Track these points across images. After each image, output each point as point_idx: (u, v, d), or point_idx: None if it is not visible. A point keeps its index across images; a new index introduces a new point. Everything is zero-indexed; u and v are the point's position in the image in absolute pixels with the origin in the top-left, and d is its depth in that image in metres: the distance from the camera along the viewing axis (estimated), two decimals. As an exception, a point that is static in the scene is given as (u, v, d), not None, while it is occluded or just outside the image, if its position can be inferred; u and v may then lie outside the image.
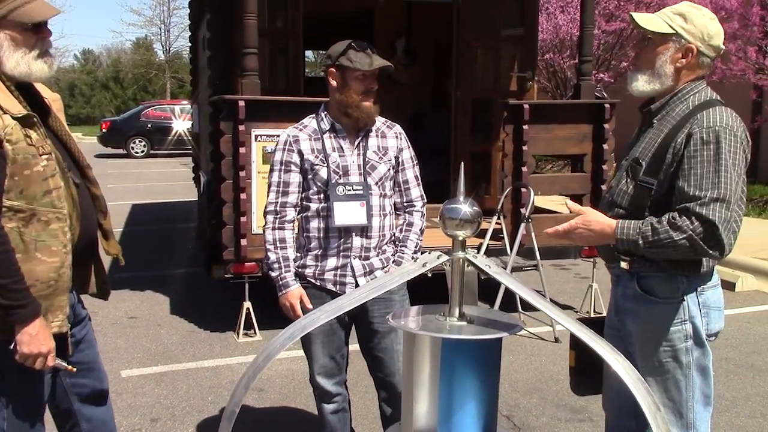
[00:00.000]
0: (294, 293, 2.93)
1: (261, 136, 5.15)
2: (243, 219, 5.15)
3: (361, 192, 2.93)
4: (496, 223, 5.82)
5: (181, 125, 22.77)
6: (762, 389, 4.54)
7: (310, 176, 2.95)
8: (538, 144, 5.97)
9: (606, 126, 5.97)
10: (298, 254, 3.03)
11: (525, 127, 5.82)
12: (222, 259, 5.53)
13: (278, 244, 2.96)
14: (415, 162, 3.13)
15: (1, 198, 2.13)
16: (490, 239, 5.73)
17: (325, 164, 2.94)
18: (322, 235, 2.96)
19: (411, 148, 3.13)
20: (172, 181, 15.58)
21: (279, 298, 2.97)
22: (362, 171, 2.96)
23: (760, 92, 12.24)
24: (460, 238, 2.08)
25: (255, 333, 5.39)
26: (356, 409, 3.38)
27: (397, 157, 3.05)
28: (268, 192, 3.02)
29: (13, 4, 2.19)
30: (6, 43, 2.20)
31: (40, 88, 2.44)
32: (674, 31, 2.41)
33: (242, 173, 5.11)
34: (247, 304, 5.37)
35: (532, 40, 7.34)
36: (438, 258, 2.13)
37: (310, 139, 2.97)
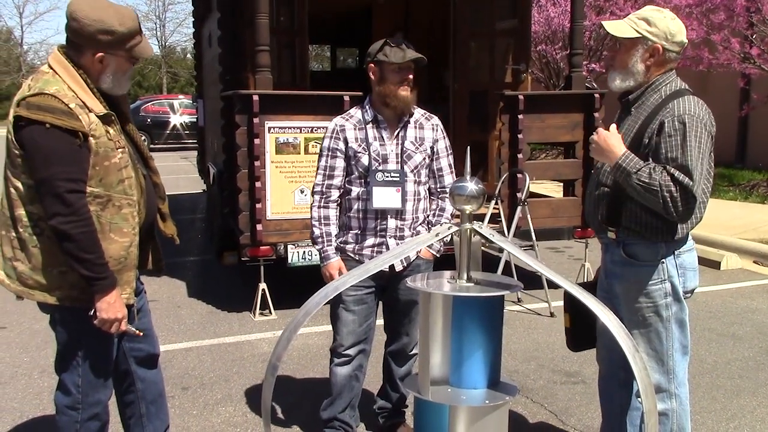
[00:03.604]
0: (333, 264, 3.31)
1: (274, 128, 5.50)
2: (258, 206, 5.50)
3: (398, 179, 3.27)
4: (494, 208, 6.19)
5: (179, 119, 23.04)
6: (740, 354, 4.93)
7: (353, 162, 3.30)
8: (533, 132, 6.33)
9: (596, 115, 6.33)
10: (341, 232, 3.38)
11: (520, 116, 6.18)
12: (235, 245, 5.89)
13: (322, 221, 3.33)
14: (449, 152, 3.46)
15: (86, 185, 2.49)
16: (488, 222, 6.09)
17: (367, 152, 3.28)
18: (361, 216, 3.32)
19: (447, 138, 3.47)
20: (175, 174, 15.89)
21: (321, 269, 3.34)
22: (399, 159, 3.30)
23: (748, 80, 12.58)
24: (467, 212, 2.44)
25: (270, 312, 5.76)
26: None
27: (432, 147, 3.39)
28: (316, 174, 3.37)
29: (135, 42, 2.60)
30: (113, 65, 2.60)
31: None
32: (640, 35, 2.78)
33: (257, 163, 5.46)
34: (263, 286, 5.73)
35: (525, 33, 7.67)
36: (449, 229, 2.49)
37: (355, 129, 3.32)
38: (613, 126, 2.85)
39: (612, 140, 2.76)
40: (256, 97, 5.39)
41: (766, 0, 10.49)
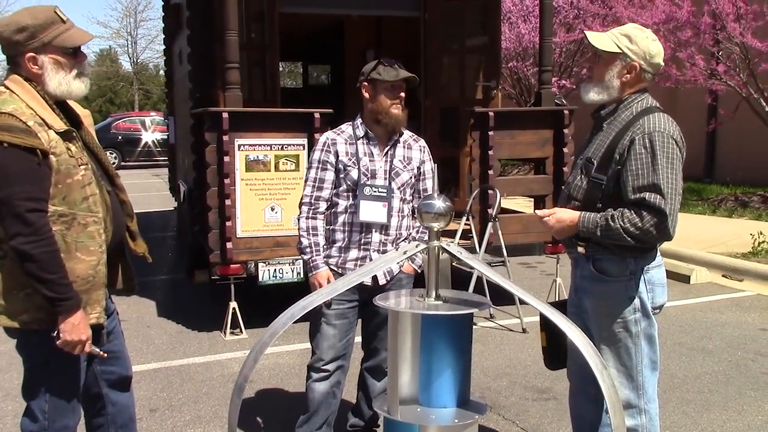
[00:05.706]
0: (322, 274, 3.31)
1: (243, 145, 5.47)
2: (228, 223, 5.45)
3: (385, 194, 3.33)
4: (465, 224, 6.19)
5: (150, 137, 22.87)
6: (710, 369, 4.96)
7: (342, 176, 3.34)
8: (503, 149, 6.36)
9: (566, 131, 6.38)
10: (326, 246, 3.38)
11: (490, 133, 6.21)
12: (206, 263, 5.83)
13: (311, 231, 3.34)
14: (434, 173, 3.47)
15: (48, 204, 2.45)
16: (459, 239, 6.10)
17: (356, 166, 3.32)
18: (347, 228, 3.34)
19: (432, 161, 3.53)
20: (146, 191, 15.74)
21: (309, 278, 3.36)
22: (388, 176, 3.36)
23: (715, 96, 12.76)
24: (435, 229, 2.44)
25: (241, 331, 5.69)
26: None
27: (419, 168, 3.45)
28: (305, 186, 3.39)
29: (56, 31, 2.51)
30: (49, 66, 2.52)
31: (72, 104, 2.75)
32: (621, 51, 2.81)
33: (227, 180, 5.42)
34: (233, 304, 5.66)
35: (495, 49, 7.74)
36: (417, 246, 2.49)
37: (346, 143, 3.36)
38: (556, 209, 2.90)
39: (562, 216, 2.84)
40: (225, 115, 5.36)
41: (730, 18, 10.68)
